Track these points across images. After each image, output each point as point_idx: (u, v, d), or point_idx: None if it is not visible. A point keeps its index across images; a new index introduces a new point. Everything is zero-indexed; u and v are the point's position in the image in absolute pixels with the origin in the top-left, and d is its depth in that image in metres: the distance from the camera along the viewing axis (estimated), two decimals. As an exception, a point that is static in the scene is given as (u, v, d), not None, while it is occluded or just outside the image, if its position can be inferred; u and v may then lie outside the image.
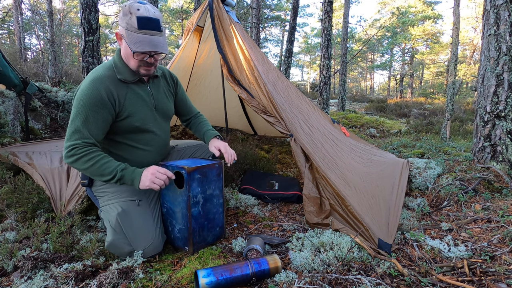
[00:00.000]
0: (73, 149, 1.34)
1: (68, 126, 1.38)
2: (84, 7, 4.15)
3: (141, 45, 1.34)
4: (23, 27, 11.13)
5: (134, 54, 1.38)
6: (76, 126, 1.36)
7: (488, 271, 1.34)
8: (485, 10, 2.62)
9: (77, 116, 1.36)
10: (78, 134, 1.36)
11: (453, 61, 5.36)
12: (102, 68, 1.47)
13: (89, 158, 1.34)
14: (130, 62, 1.45)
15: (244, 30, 2.83)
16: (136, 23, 1.31)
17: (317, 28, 30.60)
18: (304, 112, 2.65)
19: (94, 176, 1.39)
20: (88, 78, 1.43)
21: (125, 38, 1.37)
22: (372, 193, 1.96)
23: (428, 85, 24.87)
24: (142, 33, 1.33)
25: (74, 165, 1.36)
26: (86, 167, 1.35)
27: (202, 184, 1.52)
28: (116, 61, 1.48)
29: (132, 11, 1.32)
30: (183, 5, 18.06)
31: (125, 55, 1.46)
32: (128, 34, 1.34)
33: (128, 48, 1.39)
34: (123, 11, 1.34)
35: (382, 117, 9.26)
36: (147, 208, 1.52)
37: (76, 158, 1.34)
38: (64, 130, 3.88)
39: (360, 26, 28.61)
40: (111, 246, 1.40)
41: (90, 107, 1.37)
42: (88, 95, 1.36)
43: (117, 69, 1.47)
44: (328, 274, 1.29)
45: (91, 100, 1.36)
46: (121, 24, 1.37)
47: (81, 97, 1.37)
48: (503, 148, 2.51)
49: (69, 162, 1.36)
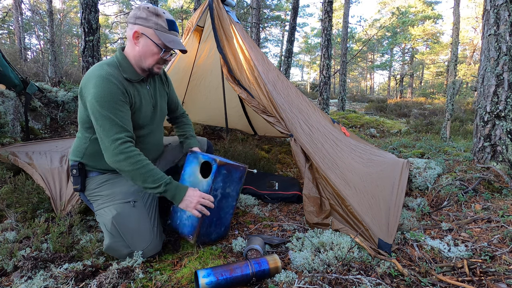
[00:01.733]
0: (120, 147, 1.33)
1: (100, 127, 1.35)
2: (84, 7, 4.15)
3: (174, 43, 1.44)
4: (23, 27, 11.13)
5: (163, 52, 1.44)
6: (113, 123, 1.34)
7: (488, 271, 1.34)
8: (485, 10, 2.62)
9: (108, 114, 1.34)
10: (119, 130, 1.35)
11: (453, 61, 5.36)
12: (106, 66, 1.43)
13: (137, 160, 1.35)
14: (148, 60, 1.47)
15: (244, 30, 2.83)
16: (167, 24, 1.43)
17: (317, 28, 30.61)
18: (304, 112, 2.65)
19: (133, 179, 1.38)
20: (95, 75, 1.37)
21: (153, 37, 1.41)
22: (372, 193, 1.96)
23: (428, 85, 24.88)
24: (172, 34, 1.45)
25: (121, 164, 1.34)
26: (131, 169, 1.34)
27: (225, 181, 1.55)
28: (120, 60, 1.48)
29: (159, 13, 1.42)
30: (183, 5, 18.06)
31: (141, 53, 1.45)
32: (158, 33, 1.41)
33: (152, 46, 1.43)
34: (146, 12, 1.40)
35: (382, 117, 9.26)
36: (143, 208, 1.51)
37: (125, 157, 1.33)
38: (64, 130, 3.88)
39: (360, 26, 28.64)
40: (109, 249, 1.40)
41: (115, 101, 1.36)
42: (108, 90, 1.35)
43: (122, 67, 1.47)
44: (328, 274, 1.29)
45: (113, 95, 1.36)
46: (144, 24, 1.40)
47: (101, 95, 1.34)
48: (503, 148, 2.51)
49: (117, 160, 1.34)
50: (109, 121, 1.34)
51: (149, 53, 1.45)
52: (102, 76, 1.36)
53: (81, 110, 1.48)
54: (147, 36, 1.42)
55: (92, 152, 1.51)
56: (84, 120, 1.48)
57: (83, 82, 1.41)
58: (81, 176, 1.52)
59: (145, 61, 1.48)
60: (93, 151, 1.51)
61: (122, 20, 22.58)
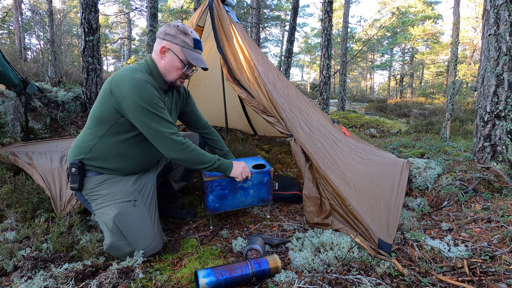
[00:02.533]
0: (177, 138, 1.48)
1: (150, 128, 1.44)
2: (84, 7, 4.15)
3: (197, 61, 1.56)
4: (23, 27, 11.12)
5: (186, 68, 1.56)
6: (161, 122, 1.45)
7: (488, 271, 1.34)
8: (485, 10, 2.62)
9: (156, 111, 1.44)
10: (169, 125, 1.48)
11: (453, 61, 5.36)
12: (139, 70, 1.49)
13: (193, 147, 1.54)
14: (172, 73, 1.57)
15: (244, 30, 2.83)
16: (193, 43, 1.55)
17: (317, 28, 30.60)
18: (304, 112, 2.65)
19: (192, 163, 1.56)
20: (133, 77, 1.42)
21: (179, 53, 1.53)
22: (372, 193, 1.96)
23: (428, 85, 24.88)
24: (196, 52, 1.58)
25: (181, 153, 1.50)
26: (190, 156, 1.52)
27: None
28: (152, 68, 1.56)
29: (188, 32, 1.54)
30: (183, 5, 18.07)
31: (167, 66, 1.55)
32: (184, 51, 1.53)
33: (176, 61, 1.54)
34: (175, 30, 1.52)
35: (382, 117, 9.26)
36: (143, 207, 1.52)
37: (184, 147, 1.50)
38: (64, 130, 3.88)
39: (360, 26, 28.63)
40: (111, 248, 1.40)
41: (159, 102, 1.47)
42: (151, 92, 1.45)
43: (153, 75, 1.55)
44: (328, 274, 1.29)
45: (156, 96, 1.46)
46: (172, 41, 1.52)
47: (146, 95, 1.42)
48: (503, 148, 2.51)
49: (179, 150, 1.49)
50: (158, 119, 1.45)
51: (174, 68, 1.55)
52: (141, 79, 1.44)
53: (102, 107, 1.47)
54: (173, 52, 1.53)
55: (99, 150, 1.51)
56: (99, 117, 1.48)
57: (115, 83, 1.43)
58: (80, 175, 1.52)
59: (169, 74, 1.57)
60: (100, 148, 1.51)
61: (122, 20, 22.57)
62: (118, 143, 1.52)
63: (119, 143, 1.52)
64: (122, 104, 1.41)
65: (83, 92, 4.38)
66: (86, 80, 4.32)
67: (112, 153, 1.52)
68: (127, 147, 1.54)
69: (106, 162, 1.53)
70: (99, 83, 4.43)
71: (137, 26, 42.02)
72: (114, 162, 1.54)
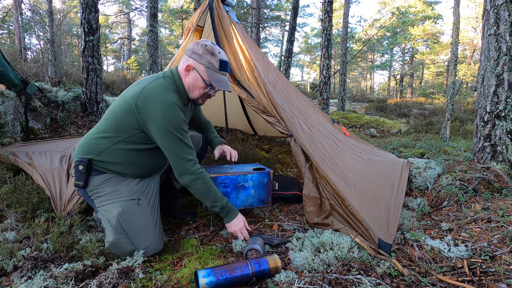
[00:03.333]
0: (194, 166, 1.48)
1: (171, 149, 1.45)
2: (84, 7, 4.15)
3: (221, 84, 1.55)
4: (23, 27, 11.12)
5: (208, 88, 1.55)
6: (184, 144, 1.46)
7: (488, 271, 1.34)
8: (485, 10, 2.62)
9: (179, 135, 1.45)
10: (189, 149, 1.49)
11: (453, 61, 5.36)
12: (168, 91, 1.48)
13: (205, 180, 1.52)
14: (195, 92, 1.57)
15: (244, 30, 2.83)
16: (218, 64, 1.52)
17: (317, 28, 30.61)
18: (304, 112, 2.65)
19: (201, 196, 1.56)
20: (163, 99, 1.43)
21: (203, 73, 1.52)
22: (372, 193, 1.96)
23: (428, 85, 24.88)
24: (221, 74, 1.56)
25: (194, 183, 1.49)
26: (201, 189, 1.51)
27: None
28: (180, 86, 1.56)
29: (215, 52, 1.51)
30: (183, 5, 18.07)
31: (191, 84, 1.55)
32: (208, 72, 1.52)
33: (200, 81, 1.53)
34: (203, 49, 1.50)
35: (382, 117, 9.26)
36: (146, 207, 1.52)
37: (195, 178, 1.49)
38: (64, 130, 3.88)
39: (360, 26, 28.63)
40: (113, 246, 1.40)
41: (184, 125, 1.48)
42: (178, 115, 1.45)
43: (179, 94, 1.56)
44: (328, 274, 1.29)
45: (182, 120, 1.47)
46: (197, 60, 1.51)
47: (173, 119, 1.43)
48: (503, 148, 2.51)
49: (192, 179, 1.49)
50: (182, 144, 1.46)
51: (197, 87, 1.55)
52: (171, 102, 1.44)
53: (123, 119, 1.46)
54: (197, 71, 1.52)
55: (111, 154, 1.50)
56: (118, 126, 1.48)
57: (142, 101, 1.42)
58: (86, 173, 1.52)
59: (192, 92, 1.58)
60: (112, 154, 1.50)
61: (122, 20, 22.56)
62: (131, 152, 1.52)
63: (132, 151, 1.52)
64: (148, 123, 1.43)
65: (83, 92, 4.38)
66: (86, 80, 4.32)
67: (123, 159, 1.52)
68: (139, 156, 1.55)
69: (116, 166, 1.53)
70: (99, 83, 4.42)
71: (137, 26, 42.05)
72: (124, 167, 1.54)
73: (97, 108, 4.44)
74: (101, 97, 4.50)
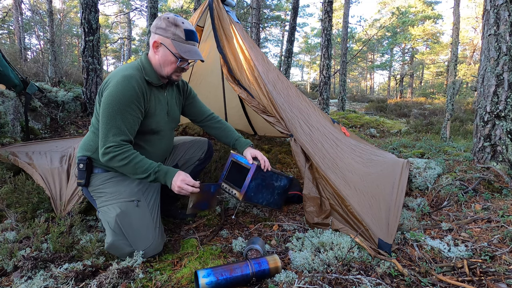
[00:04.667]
0: (110, 147, 1.39)
1: (103, 124, 1.40)
2: (84, 7, 4.15)
3: (190, 54, 1.48)
4: (23, 27, 11.12)
5: (179, 61, 1.48)
6: (115, 124, 1.39)
7: (488, 271, 1.34)
8: (485, 10, 2.62)
9: (115, 114, 1.38)
10: (117, 132, 1.39)
11: (453, 61, 5.36)
12: (130, 67, 1.49)
13: (124, 156, 1.40)
14: (167, 68, 1.52)
15: (244, 30, 2.83)
16: (184, 34, 1.46)
17: (317, 28, 30.60)
18: (304, 112, 2.65)
19: (128, 174, 1.45)
20: (118, 75, 1.43)
21: (170, 47, 1.46)
22: (372, 193, 1.96)
23: (428, 85, 24.87)
24: (189, 44, 1.49)
25: (109, 163, 1.41)
26: (121, 165, 1.41)
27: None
28: (145, 64, 1.53)
29: (178, 23, 1.45)
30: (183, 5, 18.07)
31: (161, 61, 1.51)
32: (175, 44, 1.46)
33: (169, 55, 1.48)
34: (165, 22, 1.45)
35: (382, 117, 9.26)
36: (146, 208, 1.52)
37: (111, 156, 1.39)
38: (64, 130, 3.88)
39: (360, 26, 28.64)
40: (111, 247, 1.40)
41: (127, 104, 1.40)
42: (124, 92, 1.40)
43: (145, 70, 1.52)
44: (328, 274, 1.28)
45: (127, 97, 1.40)
46: (162, 34, 1.46)
47: (116, 94, 1.39)
48: (503, 148, 2.51)
49: (104, 160, 1.41)
50: (112, 124, 1.39)
51: (167, 62, 1.50)
52: (124, 76, 1.42)
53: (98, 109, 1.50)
54: (165, 46, 1.47)
55: None
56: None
57: (106, 80, 1.46)
58: (87, 171, 1.52)
59: (164, 69, 1.53)
60: None
61: (122, 20, 22.56)
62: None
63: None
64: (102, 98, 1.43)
65: (83, 92, 4.38)
66: (86, 80, 4.32)
67: None
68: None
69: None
70: (99, 83, 4.42)
71: (137, 26, 42.05)
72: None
73: (97, 108, 4.44)
74: (101, 97, 4.49)
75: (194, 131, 4.16)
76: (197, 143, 1.96)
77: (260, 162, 1.76)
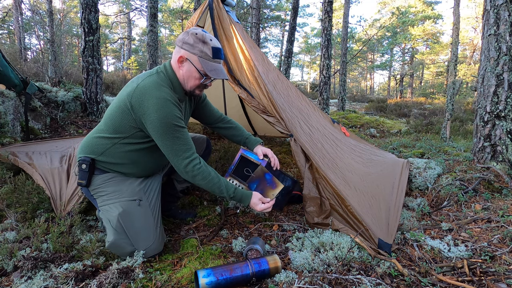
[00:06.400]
0: (190, 163, 1.45)
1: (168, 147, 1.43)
2: (84, 7, 4.14)
3: (216, 72, 1.48)
4: (23, 27, 11.12)
5: (204, 79, 1.49)
6: (178, 142, 1.43)
7: (488, 271, 1.34)
8: (485, 10, 2.62)
9: (172, 137, 1.42)
10: (185, 148, 1.45)
11: (453, 61, 5.36)
12: (159, 84, 1.45)
13: (205, 175, 1.48)
14: (190, 83, 1.52)
15: (244, 30, 2.83)
16: (211, 52, 1.46)
17: (317, 28, 30.60)
18: (304, 112, 2.65)
19: (210, 190, 1.52)
20: (153, 96, 1.39)
21: (196, 63, 1.46)
22: (372, 193, 1.96)
23: (428, 85, 24.87)
24: (215, 62, 1.49)
25: (194, 180, 1.48)
26: (203, 184, 1.49)
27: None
28: (174, 80, 1.52)
29: (206, 40, 1.45)
30: (183, 5, 18.07)
31: (185, 76, 1.50)
32: (202, 61, 1.45)
33: (194, 72, 1.47)
34: (193, 38, 1.44)
35: (382, 117, 9.26)
36: (147, 208, 1.52)
37: (195, 174, 1.46)
38: (64, 130, 3.88)
39: (360, 26, 28.61)
40: (113, 246, 1.40)
41: (179, 122, 1.44)
42: (168, 116, 1.40)
43: (174, 88, 1.52)
44: (328, 274, 1.28)
45: (176, 118, 1.43)
46: (189, 50, 1.45)
47: (165, 119, 1.39)
48: (503, 148, 2.51)
49: (190, 177, 1.47)
50: (177, 141, 1.43)
51: (191, 78, 1.50)
52: (163, 98, 1.40)
53: (120, 119, 1.46)
54: (191, 62, 1.46)
55: (112, 154, 1.51)
56: (117, 127, 1.47)
57: (137, 99, 1.40)
58: (89, 172, 1.52)
59: (187, 84, 1.53)
60: (114, 154, 1.51)
61: (122, 20, 22.56)
62: (133, 151, 1.52)
63: (133, 151, 1.52)
64: (143, 121, 1.41)
65: (83, 92, 4.38)
66: (86, 80, 4.32)
67: (125, 159, 1.52)
68: (140, 155, 1.55)
69: (118, 166, 1.53)
70: (99, 83, 4.42)
71: (137, 26, 42.04)
72: (126, 167, 1.54)
73: (97, 108, 4.44)
74: (101, 97, 4.50)
75: (194, 131, 4.16)
76: (196, 140, 1.96)
77: (270, 159, 1.79)
